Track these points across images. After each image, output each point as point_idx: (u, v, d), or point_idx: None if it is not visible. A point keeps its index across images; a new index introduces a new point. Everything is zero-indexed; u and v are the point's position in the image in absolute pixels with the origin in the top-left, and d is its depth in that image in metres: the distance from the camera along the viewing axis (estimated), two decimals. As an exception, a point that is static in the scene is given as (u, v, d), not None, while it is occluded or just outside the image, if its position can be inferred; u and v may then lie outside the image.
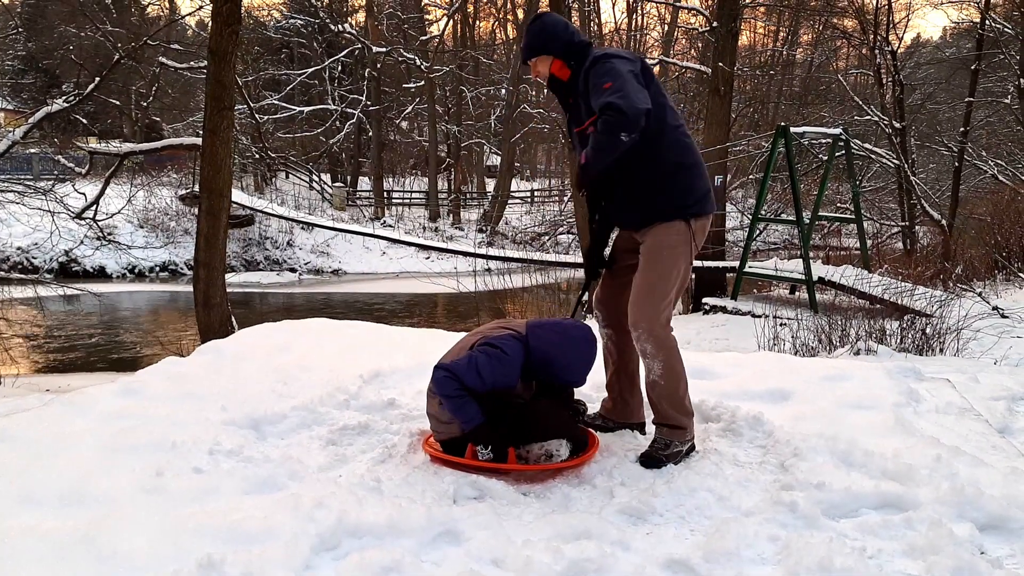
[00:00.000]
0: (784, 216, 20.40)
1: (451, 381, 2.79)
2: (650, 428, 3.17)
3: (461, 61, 30.84)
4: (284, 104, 29.27)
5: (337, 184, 33.74)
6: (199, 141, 9.94)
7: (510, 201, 32.19)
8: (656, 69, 30.70)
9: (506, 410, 2.82)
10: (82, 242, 14.33)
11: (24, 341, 13.23)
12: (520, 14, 30.81)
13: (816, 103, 28.63)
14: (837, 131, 14.50)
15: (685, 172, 2.89)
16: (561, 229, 28.94)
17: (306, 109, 29.85)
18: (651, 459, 2.87)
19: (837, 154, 15.14)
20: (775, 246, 26.90)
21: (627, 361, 3.19)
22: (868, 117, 20.19)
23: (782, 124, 14.24)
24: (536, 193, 36.39)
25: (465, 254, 21.67)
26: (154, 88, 18.38)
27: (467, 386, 2.79)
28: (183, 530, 2.24)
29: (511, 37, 32.48)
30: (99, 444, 2.86)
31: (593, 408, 3.38)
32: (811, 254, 13.64)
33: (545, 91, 31.02)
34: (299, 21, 31.80)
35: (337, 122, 30.11)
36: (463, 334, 3.36)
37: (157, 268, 24.26)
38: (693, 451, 2.97)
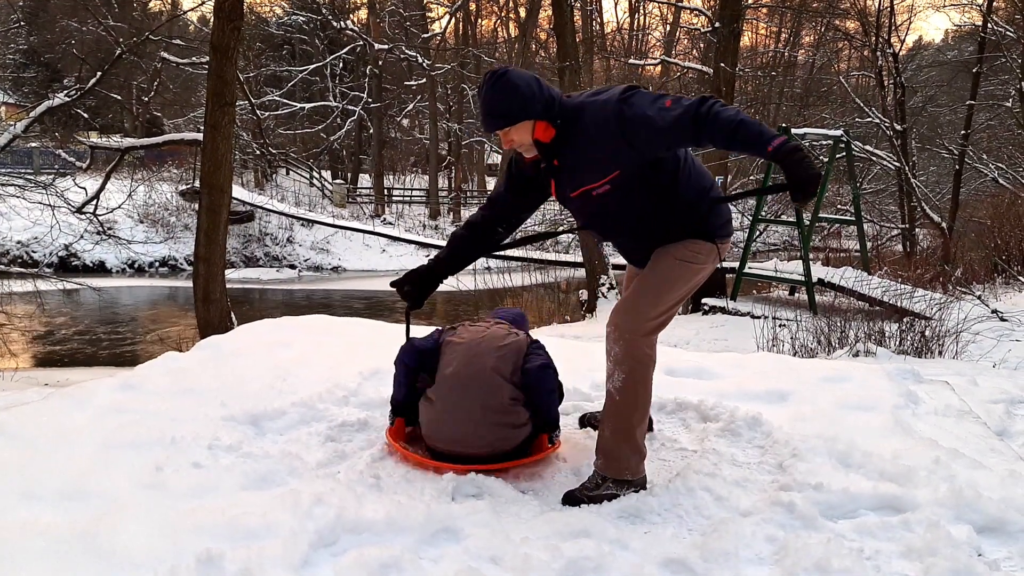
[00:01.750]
0: (784, 217, 20.42)
1: (556, 377, 2.87)
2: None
3: (463, 59, 30.79)
4: (285, 100, 29.22)
5: (338, 181, 33.73)
6: (200, 137, 9.95)
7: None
8: (657, 69, 30.79)
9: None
10: (82, 236, 14.36)
11: (23, 335, 13.22)
12: (522, 12, 30.78)
13: (817, 104, 28.58)
14: (838, 133, 14.49)
15: (708, 195, 2.59)
16: (561, 228, 28.90)
17: (307, 106, 29.81)
18: (570, 498, 2.56)
19: (838, 156, 15.13)
20: (775, 247, 26.93)
21: None
22: (869, 119, 20.19)
23: (783, 125, 14.25)
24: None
25: (465, 252, 21.59)
26: (155, 83, 18.37)
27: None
28: (182, 526, 2.24)
29: (513, 35, 32.42)
30: (98, 439, 2.85)
31: (594, 408, 3.38)
32: (811, 256, 13.64)
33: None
34: (301, 17, 31.76)
35: (338, 119, 30.09)
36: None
37: (157, 263, 24.28)
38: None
